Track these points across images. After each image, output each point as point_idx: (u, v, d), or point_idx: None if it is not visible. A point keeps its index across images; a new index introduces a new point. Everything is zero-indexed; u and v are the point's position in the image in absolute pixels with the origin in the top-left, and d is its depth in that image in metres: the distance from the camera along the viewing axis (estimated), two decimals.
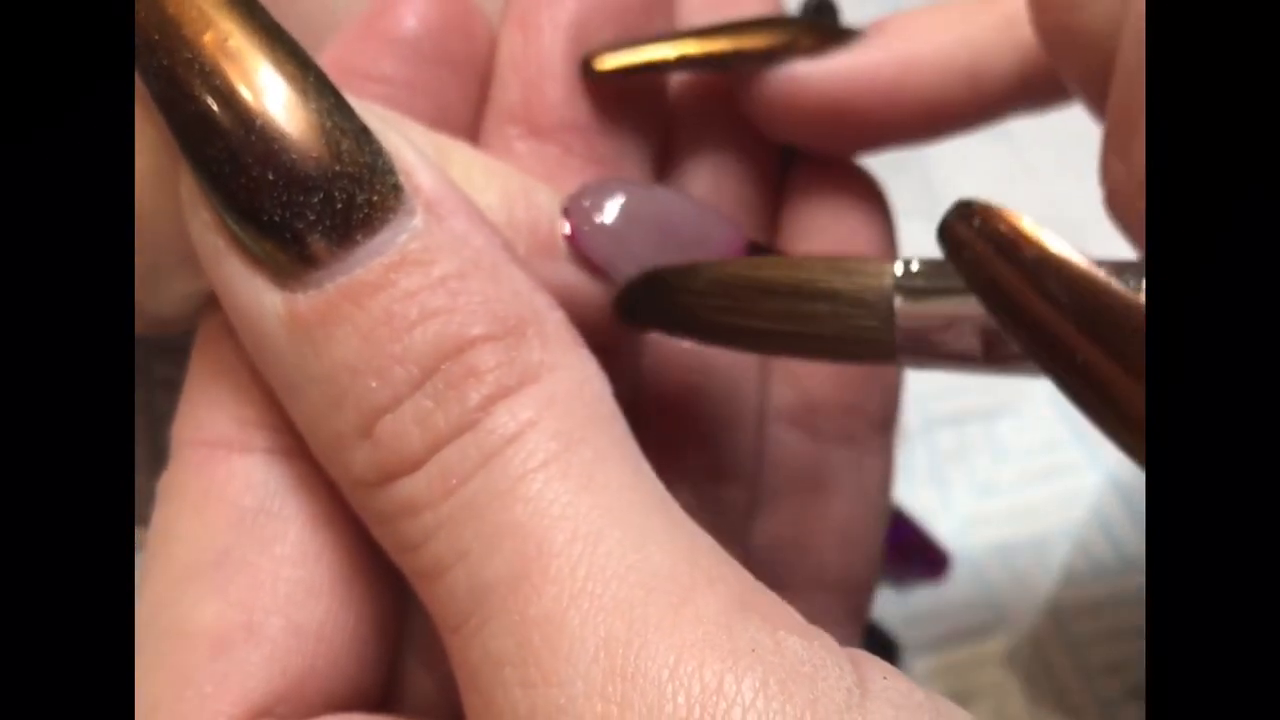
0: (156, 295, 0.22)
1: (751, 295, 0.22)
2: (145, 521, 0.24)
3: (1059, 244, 0.19)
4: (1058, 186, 0.42)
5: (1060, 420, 0.41)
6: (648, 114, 0.26)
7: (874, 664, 0.18)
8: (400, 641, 0.22)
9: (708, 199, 0.26)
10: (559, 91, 0.24)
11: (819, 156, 0.28)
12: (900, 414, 0.29)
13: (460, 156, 0.22)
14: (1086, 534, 0.39)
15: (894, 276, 0.21)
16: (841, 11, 0.28)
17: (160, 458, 0.29)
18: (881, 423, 0.29)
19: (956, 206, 0.20)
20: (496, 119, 0.25)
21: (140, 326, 0.23)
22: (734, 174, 0.27)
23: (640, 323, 0.23)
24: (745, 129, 0.27)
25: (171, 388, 0.30)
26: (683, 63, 0.25)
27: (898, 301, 0.21)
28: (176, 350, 0.24)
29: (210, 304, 0.22)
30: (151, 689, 0.20)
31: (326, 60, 0.23)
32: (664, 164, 0.27)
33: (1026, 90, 0.26)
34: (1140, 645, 0.37)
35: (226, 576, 0.20)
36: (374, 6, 0.24)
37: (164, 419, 0.30)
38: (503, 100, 0.25)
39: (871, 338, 0.22)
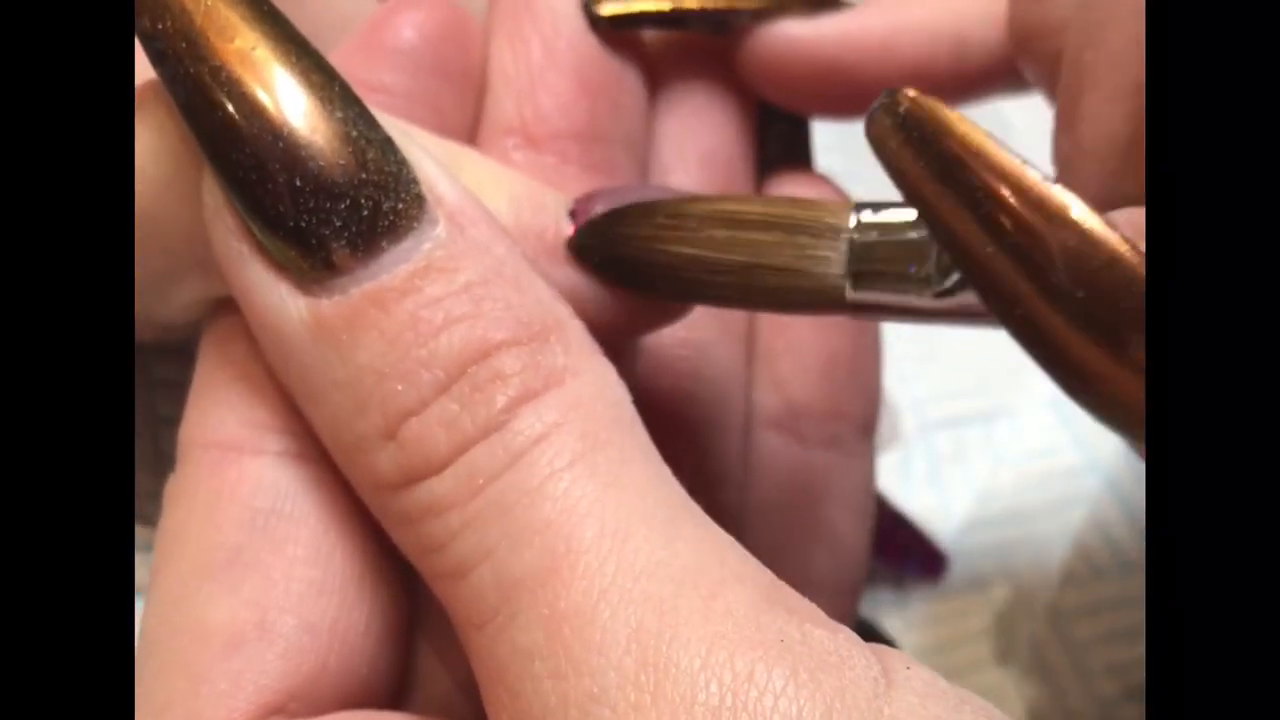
0: (165, 301, 0.22)
1: (707, 224, 0.22)
2: (146, 520, 0.24)
3: (986, 139, 0.18)
4: None
5: (1058, 424, 0.41)
6: (635, 122, 0.26)
7: (896, 656, 0.18)
8: (413, 641, 0.22)
9: None
10: (551, 102, 0.25)
11: (803, 117, 0.28)
12: (891, 418, 0.29)
13: (469, 163, 0.23)
14: (1084, 537, 0.39)
15: (853, 210, 0.21)
16: None
17: (161, 458, 0.29)
18: (863, 427, 0.29)
19: (883, 95, 0.19)
20: (492, 130, 0.25)
21: (146, 332, 0.23)
22: (713, 182, 0.27)
23: (591, 260, 0.23)
24: (721, 140, 0.27)
25: (172, 389, 0.30)
26: (678, 15, 0.26)
27: (854, 232, 0.21)
28: (177, 352, 0.24)
29: (215, 309, 0.22)
30: (165, 686, 0.20)
31: None
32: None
33: (1010, 67, 0.26)
34: (1139, 647, 0.37)
35: (239, 575, 0.20)
36: (372, 19, 0.24)
37: (164, 420, 0.30)
38: (497, 112, 0.25)
39: (824, 270, 0.21)
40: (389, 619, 0.21)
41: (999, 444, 0.41)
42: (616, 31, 0.26)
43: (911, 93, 0.19)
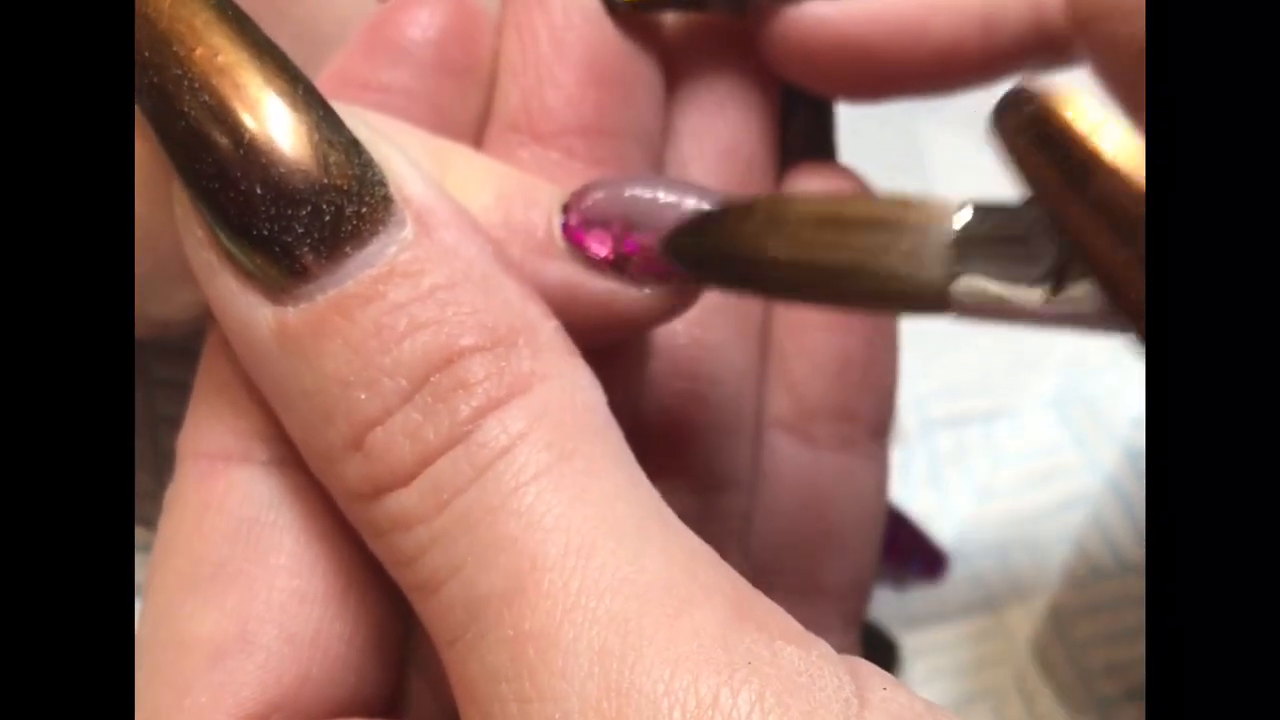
0: (161, 300, 0.22)
1: (809, 225, 0.21)
2: (145, 522, 0.24)
3: (1123, 143, 0.17)
4: None
5: (1059, 424, 0.41)
6: (649, 116, 0.26)
7: (874, 674, 0.18)
8: (403, 652, 0.22)
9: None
10: (558, 97, 0.24)
11: (832, 98, 0.28)
12: (895, 419, 0.29)
13: (459, 159, 0.22)
14: (1085, 536, 0.39)
15: (960, 209, 0.20)
16: None
17: (160, 458, 0.29)
18: (876, 429, 0.29)
19: (1009, 91, 0.18)
20: (499, 126, 0.25)
21: (144, 330, 0.23)
22: (733, 178, 0.27)
23: (689, 264, 0.22)
24: (743, 134, 0.27)
25: (171, 388, 0.30)
26: None
27: (960, 232, 0.20)
28: (177, 351, 0.24)
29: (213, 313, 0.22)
30: (151, 698, 0.20)
31: (332, 70, 0.24)
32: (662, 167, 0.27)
33: (1040, 44, 0.26)
34: (1139, 646, 0.37)
35: (223, 586, 0.20)
36: (377, 16, 0.24)
37: (164, 419, 0.30)
38: (504, 107, 0.25)
39: (928, 273, 0.20)
40: (376, 630, 0.21)
41: (999, 444, 0.41)
42: (636, 18, 0.25)
43: (1039, 91, 0.18)
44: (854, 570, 0.29)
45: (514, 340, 0.19)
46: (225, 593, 0.20)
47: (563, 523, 0.18)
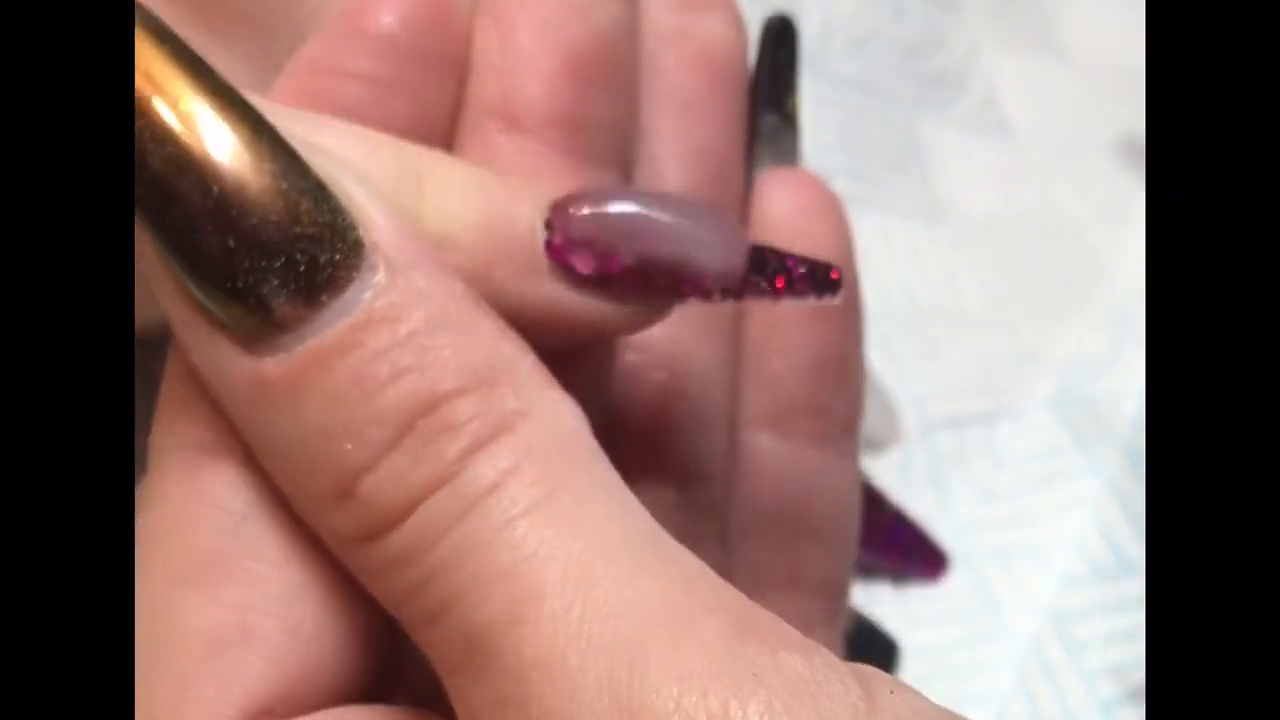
0: (147, 309, 0.22)
1: None
2: None
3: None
4: (1058, 186, 0.42)
5: (1059, 424, 0.41)
6: (624, 113, 0.26)
7: (880, 679, 0.18)
8: (392, 638, 0.22)
9: (683, 188, 0.26)
10: (538, 87, 0.24)
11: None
12: (880, 417, 0.29)
13: (434, 171, 0.22)
14: (1085, 538, 0.39)
15: None
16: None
17: None
18: (848, 425, 0.29)
19: None
20: (475, 113, 0.24)
21: (144, 330, 0.23)
22: (703, 179, 0.27)
23: None
24: (714, 136, 0.27)
25: None
26: None
27: None
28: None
29: None
30: (151, 694, 0.20)
31: (305, 58, 0.23)
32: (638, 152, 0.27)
33: None
34: (1139, 646, 0.37)
35: (218, 580, 0.20)
36: (352, 4, 0.24)
37: None
38: (480, 96, 0.24)
39: None
40: (372, 618, 0.21)
41: (1000, 444, 0.41)
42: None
43: None
44: (835, 565, 0.29)
45: (496, 380, 0.19)
46: (221, 585, 0.20)
47: (558, 553, 0.18)
